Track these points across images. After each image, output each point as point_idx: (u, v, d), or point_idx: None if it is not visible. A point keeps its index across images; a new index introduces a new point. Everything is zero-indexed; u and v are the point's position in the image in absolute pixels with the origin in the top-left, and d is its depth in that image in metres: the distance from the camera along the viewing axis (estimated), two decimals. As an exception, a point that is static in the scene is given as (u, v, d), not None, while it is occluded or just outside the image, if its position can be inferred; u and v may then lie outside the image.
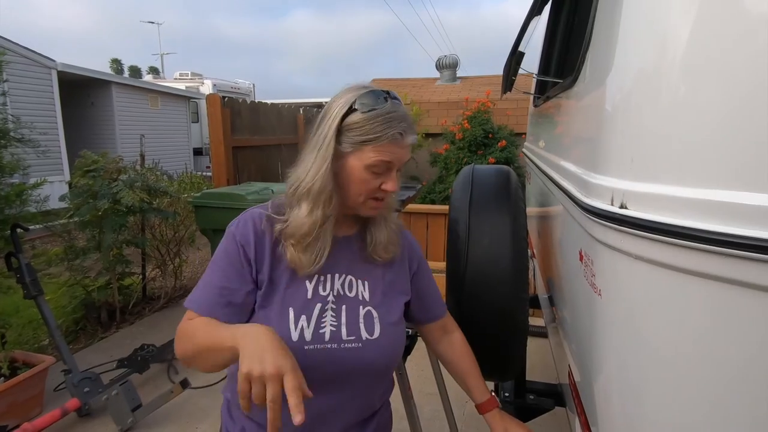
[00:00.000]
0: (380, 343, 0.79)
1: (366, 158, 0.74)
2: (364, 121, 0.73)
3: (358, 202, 0.78)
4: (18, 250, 2.24)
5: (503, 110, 6.23)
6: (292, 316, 0.74)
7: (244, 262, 0.77)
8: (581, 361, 0.84)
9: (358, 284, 0.82)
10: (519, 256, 1.08)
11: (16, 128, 2.59)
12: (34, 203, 2.67)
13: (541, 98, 1.74)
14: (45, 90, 7.98)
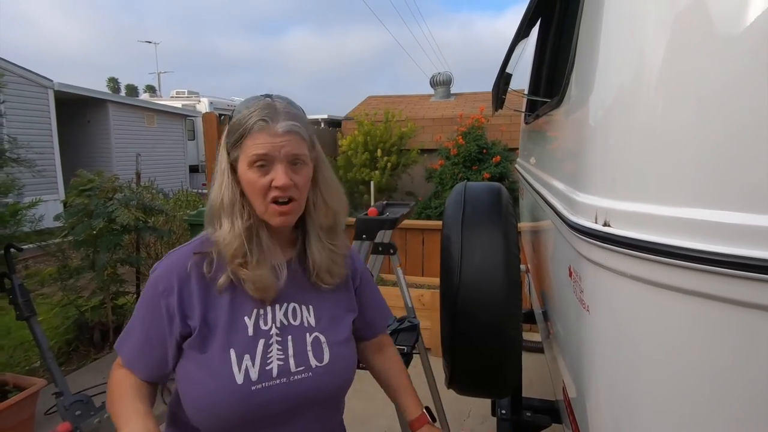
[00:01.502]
0: (331, 369, 0.77)
1: (246, 156, 0.72)
2: (233, 122, 0.75)
3: (261, 209, 0.74)
4: (11, 271, 2.22)
5: (497, 126, 6.32)
6: (234, 358, 0.71)
7: (165, 315, 0.72)
8: (573, 377, 0.85)
9: (303, 311, 0.79)
10: (511, 272, 1.09)
11: (12, 148, 2.60)
12: (28, 223, 2.67)
13: (532, 116, 1.78)
14: (41, 109, 8.02)
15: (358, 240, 1.24)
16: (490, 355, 1.07)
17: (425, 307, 2.93)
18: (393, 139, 6.16)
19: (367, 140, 6.01)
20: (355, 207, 5.92)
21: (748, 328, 0.49)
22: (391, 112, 6.44)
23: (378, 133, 6.09)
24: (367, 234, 1.24)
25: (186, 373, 0.73)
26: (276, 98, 0.76)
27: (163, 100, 14.07)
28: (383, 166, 5.88)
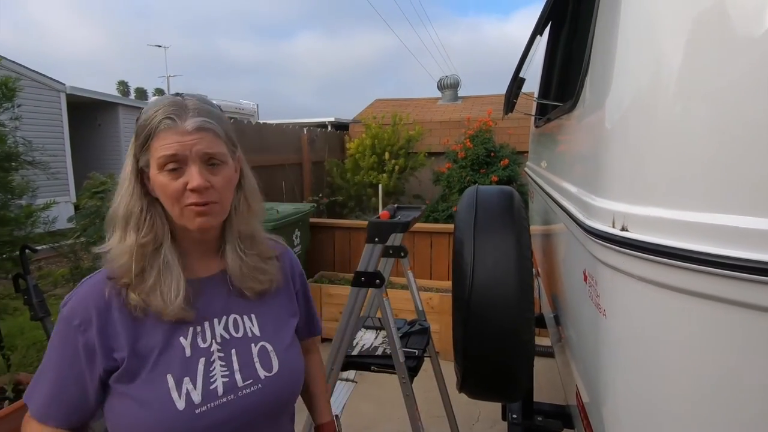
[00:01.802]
0: (281, 376, 0.73)
1: (154, 158, 0.66)
2: (140, 122, 0.67)
3: (176, 213, 0.68)
4: (26, 272, 2.26)
5: (505, 129, 6.30)
6: (173, 384, 0.65)
7: (82, 352, 0.65)
8: (588, 382, 0.85)
9: (245, 321, 0.74)
10: (524, 276, 1.09)
11: (26, 151, 2.64)
12: (42, 224, 2.71)
13: (542, 119, 1.77)
14: (54, 112, 8.14)
15: (370, 243, 1.24)
16: (502, 359, 1.07)
17: (434, 310, 2.93)
18: (400, 142, 6.17)
19: (375, 143, 6.02)
20: (362, 210, 5.93)
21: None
22: (398, 115, 6.45)
23: (386, 136, 6.10)
24: (380, 237, 1.24)
25: (118, 410, 0.66)
26: (187, 96, 0.69)
27: (173, 104, 14.19)
28: (391, 169, 5.89)
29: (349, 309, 1.25)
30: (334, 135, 7.17)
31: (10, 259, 2.42)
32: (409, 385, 1.24)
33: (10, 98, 2.48)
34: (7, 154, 2.46)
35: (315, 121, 12.60)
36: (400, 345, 1.22)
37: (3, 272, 2.40)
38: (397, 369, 1.23)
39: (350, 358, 1.34)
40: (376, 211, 5.70)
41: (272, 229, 2.97)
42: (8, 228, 2.40)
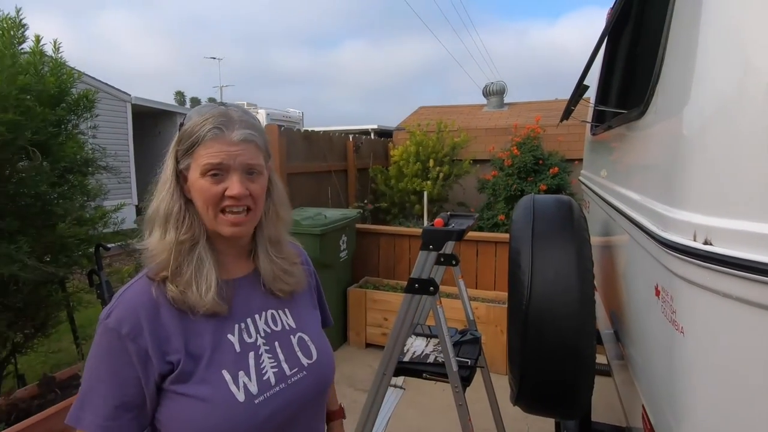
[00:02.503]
0: (321, 361, 0.79)
1: (198, 164, 0.70)
2: (185, 129, 0.71)
3: (210, 217, 0.71)
4: (99, 268, 2.45)
5: (554, 136, 6.12)
6: (230, 378, 0.68)
7: (136, 360, 0.65)
8: (660, 404, 0.81)
9: (281, 315, 0.79)
10: (585, 289, 1.05)
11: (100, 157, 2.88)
12: (112, 225, 2.93)
13: (601, 127, 1.71)
14: (120, 121, 8.81)
15: (425, 250, 1.25)
16: (562, 374, 1.04)
17: (480, 320, 2.88)
18: (445, 150, 6.14)
19: (419, 150, 6.03)
20: (405, 217, 5.94)
21: None
22: (443, 122, 6.43)
23: (430, 144, 6.10)
24: (434, 244, 1.25)
25: (175, 411, 0.66)
26: (231, 107, 0.73)
27: (225, 112, 14.90)
28: (435, 176, 5.87)
29: (402, 315, 1.26)
30: (378, 142, 7.26)
31: (85, 256, 2.64)
32: (461, 395, 1.23)
33: (89, 109, 2.71)
34: (85, 160, 2.69)
35: (358, 128, 12.80)
36: (453, 354, 1.22)
37: (79, 268, 2.62)
38: (450, 378, 1.22)
39: (402, 365, 1.35)
40: (419, 219, 5.69)
41: (320, 234, 3.05)
42: (85, 228, 2.62)
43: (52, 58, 2.48)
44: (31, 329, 2.51)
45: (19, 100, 2.15)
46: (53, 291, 2.56)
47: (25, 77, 2.22)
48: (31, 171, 2.26)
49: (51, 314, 2.58)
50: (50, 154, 2.37)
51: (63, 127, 2.53)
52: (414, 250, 3.77)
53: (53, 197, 2.49)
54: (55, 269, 2.30)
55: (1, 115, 2.04)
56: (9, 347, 2.43)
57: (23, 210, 2.31)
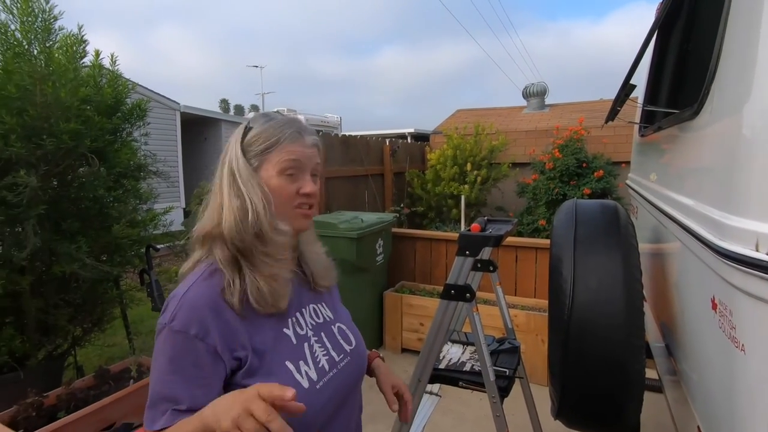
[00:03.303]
0: (358, 347, 0.87)
1: (275, 164, 0.75)
2: (261, 132, 0.76)
3: (283, 212, 0.75)
4: (150, 267, 2.59)
5: (598, 138, 5.87)
6: (293, 368, 0.73)
7: (208, 358, 0.67)
8: (717, 424, 0.75)
9: (320, 308, 0.85)
10: (633, 300, 1.00)
11: (151, 163, 3.05)
12: (162, 227, 3.10)
13: (650, 128, 1.63)
14: (170, 128, 9.30)
15: (461, 256, 1.23)
16: (607, 388, 0.98)
17: (519, 329, 2.80)
18: (483, 153, 6.03)
19: (457, 154, 5.96)
20: (442, 221, 5.88)
21: None
22: (481, 125, 6.33)
23: (467, 147, 6.01)
24: (471, 250, 1.23)
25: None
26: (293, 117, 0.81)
27: (267, 119, 15.40)
28: (473, 180, 5.78)
29: (438, 321, 1.24)
30: (415, 146, 7.25)
31: (137, 255, 2.79)
32: (499, 406, 1.19)
33: (142, 117, 2.88)
34: (137, 166, 2.86)
35: (395, 132, 12.84)
36: (490, 363, 1.18)
37: (131, 267, 2.78)
38: (487, 387, 1.19)
39: (437, 372, 1.33)
40: (456, 223, 5.62)
41: (357, 237, 3.07)
42: (137, 229, 2.78)
43: (109, 71, 2.66)
44: (89, 324, 2.69)
45: (80, 110, 2.32)
46: (108, 289, 2.73)
47: (85, 89, 2.39)
48: (90, 176, 2.42)
49: (106, 310, 2.75)
50: (106, 160, 2.54)
51: (118, 135, 2.70)
52: (451, 255, 3.72)
53: (109, 200, 2.66)
54: (110, 268, 2.45)
55: (65, 125, 2.20)
56: (69, 340, 2.62)
57: (83, 212, 2.49)
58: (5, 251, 2.11)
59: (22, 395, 2.10)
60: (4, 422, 2.03)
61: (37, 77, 2.17)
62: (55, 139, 2.18)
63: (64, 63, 2.37)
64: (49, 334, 2.43)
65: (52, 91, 2.21)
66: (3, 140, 2.05)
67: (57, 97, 2.21)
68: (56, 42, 2.40)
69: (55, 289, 2.40)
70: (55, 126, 2.20)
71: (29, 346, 2.34)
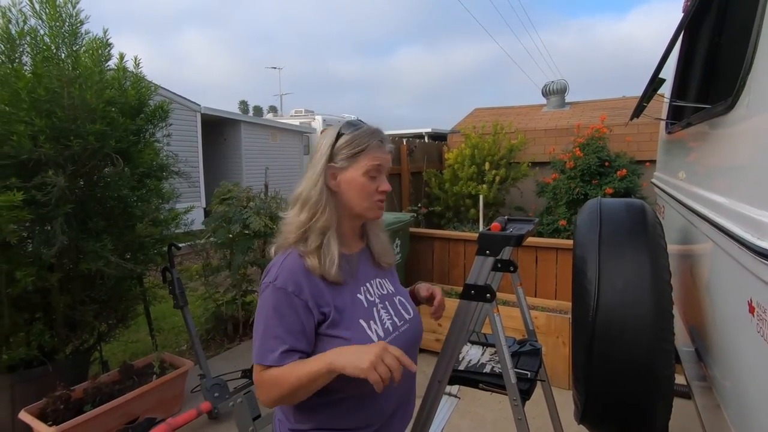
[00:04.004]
0: (415, 318, 1.03)
1: (362, 166, 0.91)
2: (351, 139, 0.92)
3: (365, 206, 0.93)
4: (172, 265, 2.64)
5: (621, 136, 5.73)
6: (365, 325, 0.90)
7: (302, 310, 0.85)
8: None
9: (384, 282, 1.02)
10: (662, 302, 0.96)
11: (173, 163, 3.11)
12: (183, 226, 3.16)
13: (678, 124, 1.57)
14: (191, 129, 9.47)
15: (481, 255, 1.21)
16: (634, 393, 0.95)
17: (539, 330, 2.75)
18: (502, 152, 5.95)
19: (475, 153, 5.90)
20: (460, 221, 5.83)
21: None
22: (499, 124, 6.25)
23: (486, 146, 5.94)
24: (491, 250, 1.20)
25: (329, 347, 0.85)
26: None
27: (284, 119, 15.58)
28: (491, 179, 5.71)
29: (458, 322, 1.22)
30: (432, 145, 7.20)
31: (159, 254, 2.85)
32: (521, 409, 1.17)
33: (164, 119, 2.94)
34: (160, 166, 2.92)
35: (412, 132, 12.79)
36: (512, 365, 1.16)
37: (154, 265, 2.84)
38: (508, 390, 1.17)
39: (457, 373, 1.31)
40: (474, 223, 5.56)
41: (374, 237, 3.07)
42: (159, 228, 2.83)
43: (132, 73, 2.72)
44: (114, 320, 2.76)
45: (105, 112, 2.38)
46: (132, 286, 2.79)
47: (110, 91, 2.45)
48: (115, 176, 2.48)
49: (130, 307, 2.82)
50: (130, 161, 2.60)
51: (141, 136, 2.76)
52: (469, 255, 3.68)
53: (133, 200, 2.72)
54: (134, 266, 2.50)
55: (91, 126, 2.26)
56: (95, 336, 2.69)
57: (108, 212, 2.55)
58: (35, 249, 2.18)
59: (51, 389, 2.17)
60: (34, 414, 2.09)
61: (64, 80, 2.24)
62: (82, 140, 2.24)
63: (90, 66, 2.43)
64: (76, 330, 2.51)
65: (78, 94, 2.27)
66: (33, 141, 2.11)
67: (83, 99, 2.27)
68: (83, 45, 2.47)
69: (81, 286, 2.47)
70: (81, 127, 2.26)
71: (57, 341, 2.42)
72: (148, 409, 2.34)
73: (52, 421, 2.04)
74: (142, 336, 3.39)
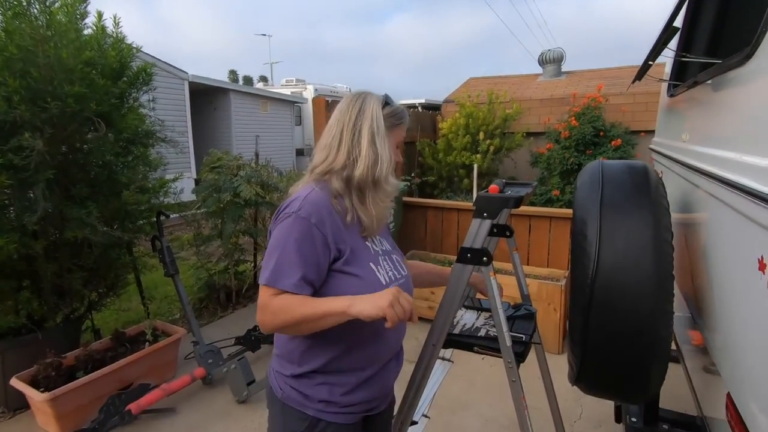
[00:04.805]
0: (409, 276, 1.09)
1: (397, 136, 1.04)
2: (394, 111, 1.03)
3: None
4: (161, 234, 2.58)
5: (617, 106, 5.65)
6: (374, 268, 0.98)
7: (320, 241, 0.90)
8: (762, 395, 0.70)
9: (382, 241, 1.07)
10: (663, 263, 0.94)
11: (160, 130, 3.00)
12: (172, 195, 3.08)
13: (683, 85, 1.52)
14: (179, 98, 9.19)
15: (478, 218, 1.17)
16: (631, 355, 0.94)
17: (531, 297, 2.76)
18: (496, 122, 5.86)
19: (469, 123, 5.80)
20: (453, 191, 5.80)
21: None
22: (494, 93, 6.12)
23: (480, 116, 5.84)
24: (489, 212, 1.16)
25: (341, 283, 0.93)
26: None
27: (275, 88, 15.17)
28: (485, 149, 5.64)
29: (454, 286, 1.20)
30: (426, 115, 7.07)
31: (148, 223, 2.79)
32: (515, 371, 1.16)
33: (148, 82, 2.80)
34: (146, 132, 2.81)
35: (405, 102, 12.54)
36: (507, 328, 1.15)
37: (143, 234, 2.78)
38: (503, 353, 1.16)
39: (452, 337, 1.30)
40: (467, 193, 5.53)
41: (367, 205, 3.02)
42: (147, 196, 2.76)
43: (112, 33, 2.57)
44: (104, 288, 2.72)
45: (84, 73, 2.26)
46: (121, 254, 2.74)
47: (89, 52, 2.32)
48: (98, 141, 2.38)
49: (120, 276, 2.77)
50: (113, 126, 2.49)
51: (124, 100, 2.64)
52: (463, 224, 3.67)
53: (118, 167, 2.63)
54: (122, 234, 2.45)
55: (69, 88, 2.15)
56: (86, 304, 2.66)
57: (92, 178, 2.47)
58: (17, 215, 2.11)
59: (42, 356, 2.15)
60: (25, 381, 2.08)
61: (38, 38, 2.10)
62: (60, 102, 2.13)
63: (65, 24, 2.29)
64: (65, 298, 2.47)
65: (54, 53, 2.14)
66: (6, 102, 2.01)
67: (59, 58, 2.15)
68: (56, 1, 2.32)
69: (68, 254, 2.41)
70: (59, 89, 2.14)
71: (47, 309, 2.38)
72: (141, 375, 2.34)
73: (44, 388, 2.03)
74: (134, 305, 3.36)
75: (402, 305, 0.83)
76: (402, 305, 0.83)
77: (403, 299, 0.83)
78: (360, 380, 0.98)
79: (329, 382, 0.97)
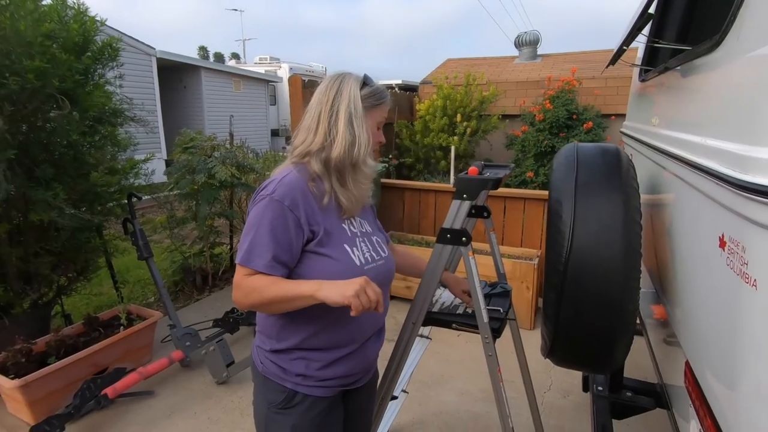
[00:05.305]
0: (389, 257, 1.10)
1: (376, 116, 1.03)
2: (374, 91, 1.02)
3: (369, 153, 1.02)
4: (133, 216, 2.51)
5: (590, 89, 5.77)
6: (349, 250, 0.98)
7: (292, 224, 0.91)
8: (712, 361, 0.76)
9: (363, 222, 1.08)
10: (632, 242, 0.99)
11: (128, 109, 2.87)
12: (143, 176, 2.98)
13: (654, 71, 1.57)
14: (146, 75, 8.79)
15: (458, 199, 1.20)
16: (602, 328, 1.00)
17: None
18: (473, 104, 5.88)
19: (447, 105, 5.80)
20: (430, 173, 5.83)
21: None
22: (472, 75, 6.13)
23: (458, 97, 5.84)
24: (468, 193, 1.19)
25: (315, 264, 0.94)
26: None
27: (248, 66, 14.69)
28: (462, 131, 5.67)
29: (433, 265, 1.23)
30: (403, 96, 7.02)
31: (119, 205, 2.70)
32: (492, 346, 1.21)
33: (114, 57, 2.67)
34: (113, 111, 2.69)
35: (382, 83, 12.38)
36: (484, 305, 1.19)
37: (114, 217, 2.70)
38: (480, 329, 1.20)
39: (431, 315, 1.34)
40: (444, 174, 5.57)
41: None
42: (117, 177, 2.66)
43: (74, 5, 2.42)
44: (73, 273, 2.63)
45: (45, 47, 2.13)
46: (91, 238, 2.65)
47: (49, 24, 2.18)
48: (62, 120, 2.27)
49: (90, 259, 2.69)
50: (78, 104, 2.37)
51: (89, 77, 2.51)
52: (440, 206, 3.71)
53: (84, 147, 2.52)
54: (91, 216, 2.36)
55: (29, 63, 2.03)
56: (54, 289, 2.57)
57: (57, 159, 2.36)
58: (-24, 198, 2.00)
59: (11, 343, 2.08)
60: (-7, 369, 2.02)
61: (-9, 6, 1.97)
62: (19, 78, 2.01)
63: (22, -9, 2.14)
64: (32, 283, 2.38)
65: (10, 24, 2.01)
66: (-40, 77, 1.88)
67: (16, 30, 2.02)
68: (11, -33, 2.16)
69: (34, 237, 2.32)
70: (17, 63, 2.02)
71: (13, 295, 2.30)
72: (116, 360, 2.31)
73: (14, 375, 1.98)
74: (105, 289, 3.28)
75: (368, 295, 0.83)
76: (368, 295, 0.83)
77: (370, 290, 0.84)
78: (336, 357, 1.01)
79: (306, 358, 1.00)
